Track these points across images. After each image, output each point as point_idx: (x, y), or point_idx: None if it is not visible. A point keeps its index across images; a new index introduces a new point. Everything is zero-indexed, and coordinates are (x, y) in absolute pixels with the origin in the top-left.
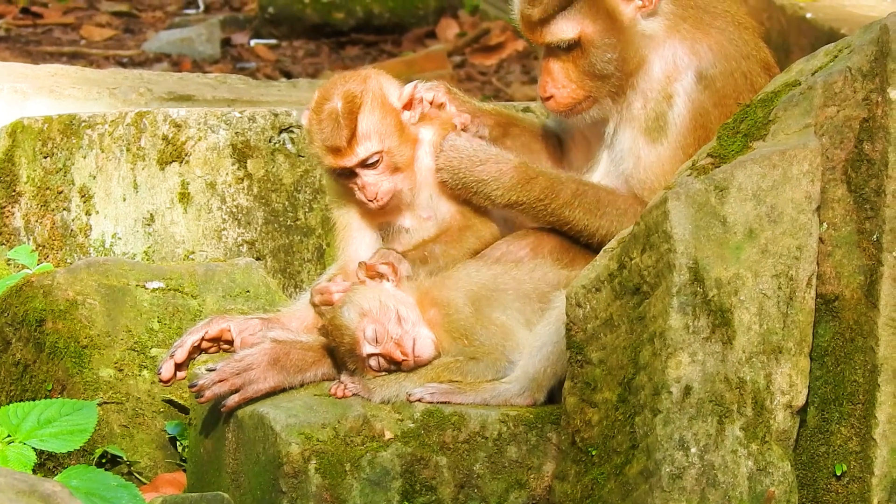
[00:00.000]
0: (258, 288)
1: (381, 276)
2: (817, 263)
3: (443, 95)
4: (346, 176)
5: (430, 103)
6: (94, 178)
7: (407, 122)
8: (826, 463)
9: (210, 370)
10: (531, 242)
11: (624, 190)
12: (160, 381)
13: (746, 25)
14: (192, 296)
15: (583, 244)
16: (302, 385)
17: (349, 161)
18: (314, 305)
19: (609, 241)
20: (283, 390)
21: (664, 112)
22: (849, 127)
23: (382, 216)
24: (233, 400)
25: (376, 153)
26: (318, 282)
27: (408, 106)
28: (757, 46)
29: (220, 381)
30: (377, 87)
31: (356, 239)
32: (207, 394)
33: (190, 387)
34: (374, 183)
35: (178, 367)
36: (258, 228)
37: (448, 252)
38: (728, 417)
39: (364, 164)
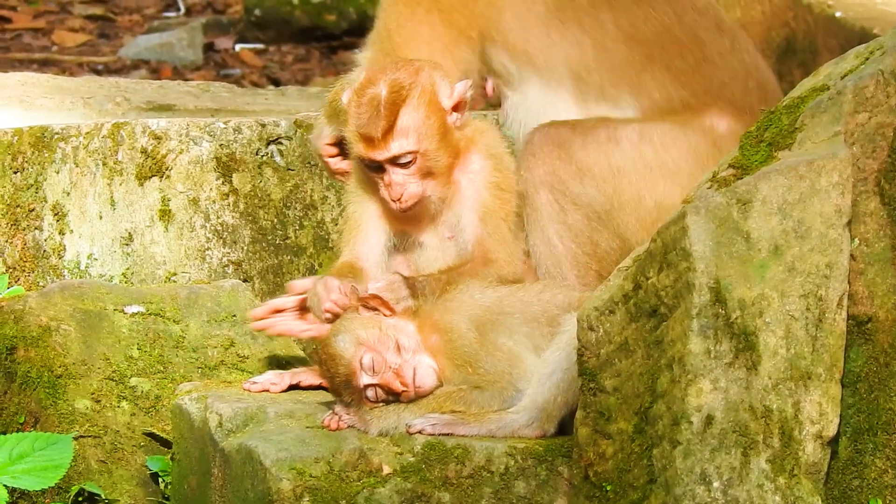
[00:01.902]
0: (245, 312)
1: (374, 310)
2: (848, 282)
3: None
4: (373, 169)
5: None
6: (68, 194)
7: (453, 124)
8: (860, 498)
9: None
10: None
11: None
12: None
13: None
14: (174, 321)
15: None
16: None
17: (380, 155)
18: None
19: None
20: None
21: None
22: (881, 135)
23: (402, 222)
24: None
25: (410, 153)
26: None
27: (457, 107)
28: None
29: None
30: (429, 82)
31: (369, 238)
32: None
33: None
34: (402, 183)
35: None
36: (245, 248)
37: None
38: (753, 449)
39: (395, 162)
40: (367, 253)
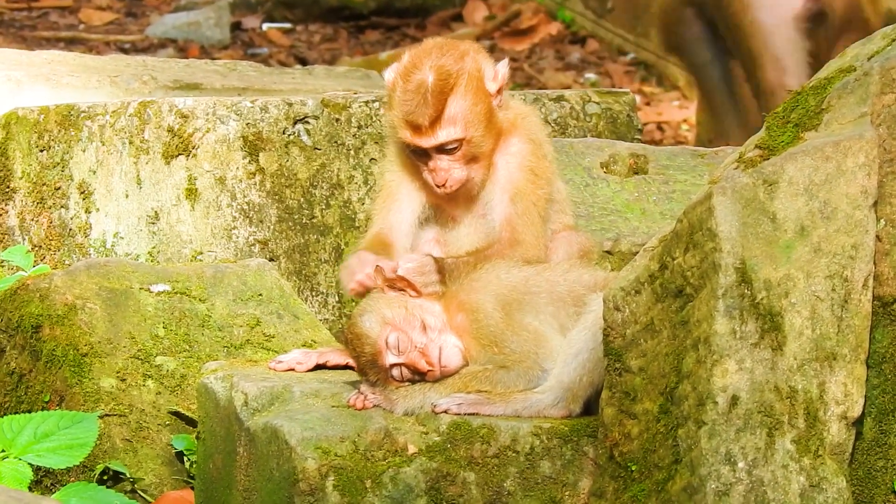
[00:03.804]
0: (271, 291)
1: (400, 291)
2: (874, 263)
3: None
4: (417, 154)
5: None
6: (94, 172)
7: (496, 106)
8: (884, 478)
9: None
10: None
11: None
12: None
13: None
14: (199, 299)
15: None
16: None
17: (426, 142)
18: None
19: None
20: None
21: None
22: None
23: (438, 198)
24: None
25: (457, 140)
26: (356, 252)
27: (500, 89)
28: None
29: None
30: (475, 68)
31: (403, 208)
32: None
33: None
34: (447, 169)
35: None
36: (271, 227)
37: None
38: (778, 429)
39: (441, 149)
40: (399, 223)
